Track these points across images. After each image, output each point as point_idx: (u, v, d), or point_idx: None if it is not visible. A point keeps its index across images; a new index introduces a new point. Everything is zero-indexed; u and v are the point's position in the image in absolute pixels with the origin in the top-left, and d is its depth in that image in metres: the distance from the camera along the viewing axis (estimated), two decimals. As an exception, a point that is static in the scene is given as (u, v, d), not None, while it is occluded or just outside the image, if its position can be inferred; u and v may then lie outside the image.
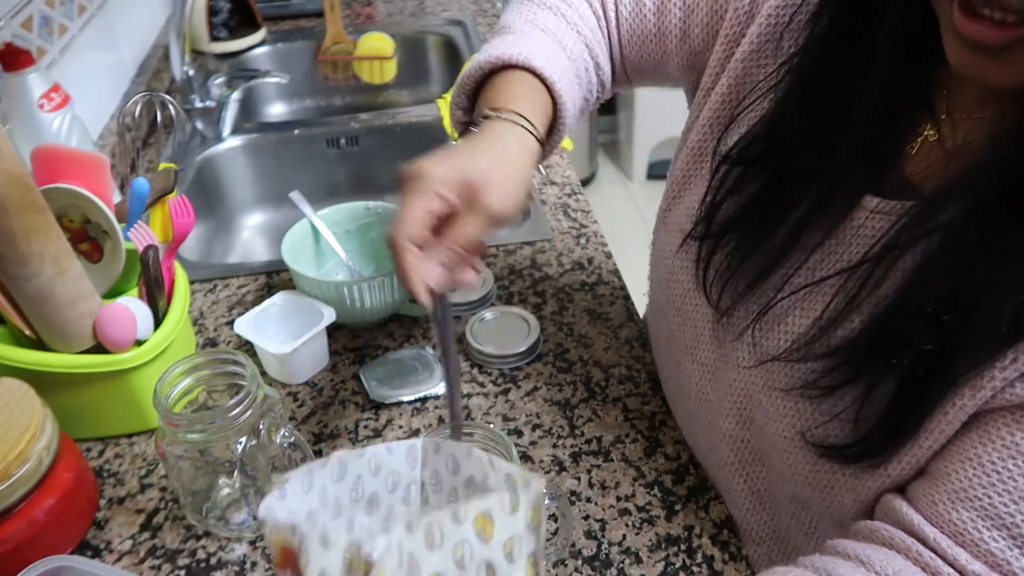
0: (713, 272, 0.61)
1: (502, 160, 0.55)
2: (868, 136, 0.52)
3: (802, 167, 0.55)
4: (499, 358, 0.83)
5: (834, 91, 0.53)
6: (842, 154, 0.52)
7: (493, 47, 0.64)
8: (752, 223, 0.58)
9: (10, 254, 0.65)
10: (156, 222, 0.80)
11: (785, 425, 0.57)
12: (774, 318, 0.58)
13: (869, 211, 0.52)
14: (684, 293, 0.67)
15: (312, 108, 1.67)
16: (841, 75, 0.52)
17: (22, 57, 0.92)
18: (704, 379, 0.66)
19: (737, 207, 0.59)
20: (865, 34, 0.51)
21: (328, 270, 0.97)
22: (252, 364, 0.65)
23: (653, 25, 0.68)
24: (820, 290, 0.54)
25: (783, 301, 0.57)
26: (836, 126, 0.52)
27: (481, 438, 0.59)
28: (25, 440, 0.62)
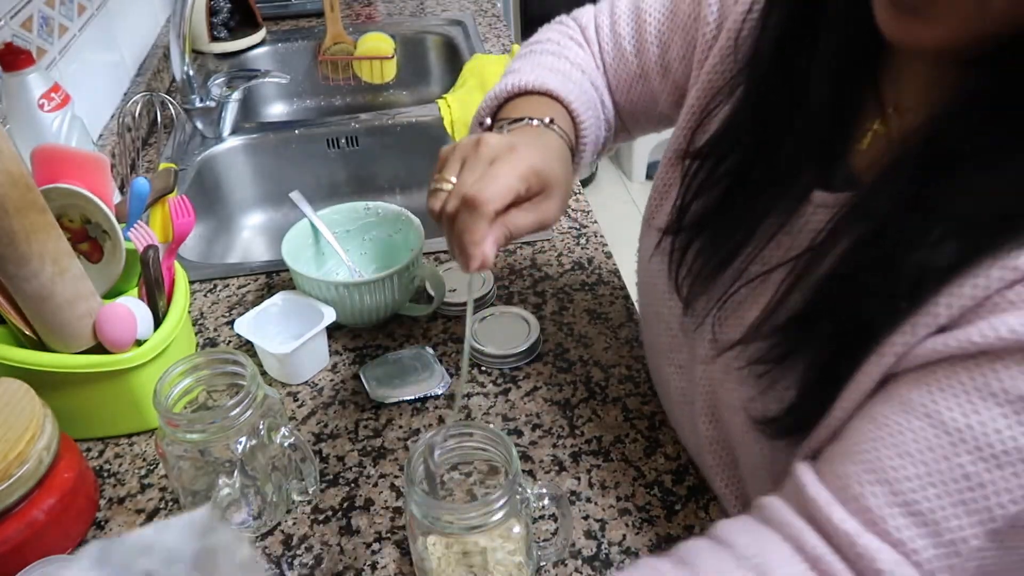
0: (684, 268, 0.62)
1: (565, 166, 0.58)
2: (816, 133, 0.53)
3: (759, 165, 0.56)
4: (499, 358, 0.83)
5: (784, 91, 0.54)
6: (793, 151, 0.54)
7: (505, 81, 0.67)
8: (716, 219, 0.60)
9: (10, 254, 0.65)
10: (156, 222, 0.80)
11: (743, 417, 0.58)
12: (731, 309, 0.59)
13: (815, 205, 0.53)
14: (660, 296, 0.68)
15: (312, 108, 1.67)
16: (789, 75, 0.54)
17: (22, 57, 0.92)
18: (683, 381, 0.68)
19: (706, 204, 0.60)
20: (810, 34, 0.52)
21: (328, 270, 0.97)
22: (252, 364, 0.65)
23: (636, 67, 0.71)
24: (771, 279, 0.55)
25: (739, 292, 0.58)
26: (787, 124, 0.54)
27: (481, 438, 0.59)
28: (25, 440, 0.62)
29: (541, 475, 0.72)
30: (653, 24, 0.69)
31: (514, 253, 1.00)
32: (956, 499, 0.42)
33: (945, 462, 0.42)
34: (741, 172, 0.58)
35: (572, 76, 0.69)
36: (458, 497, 0.68)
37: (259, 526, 0.68)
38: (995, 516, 0.41)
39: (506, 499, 0.55)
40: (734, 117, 0.59)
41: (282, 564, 0.66)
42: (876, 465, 0.44)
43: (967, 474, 0.41)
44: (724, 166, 0.59)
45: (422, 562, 0.61)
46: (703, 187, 0.61)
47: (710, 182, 0.60)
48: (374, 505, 0.70)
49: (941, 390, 0.43)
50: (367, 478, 0.73)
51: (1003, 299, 0.41)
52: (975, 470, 0.41)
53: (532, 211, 0.54)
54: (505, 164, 0.52)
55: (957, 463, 0.42)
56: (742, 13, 0.60)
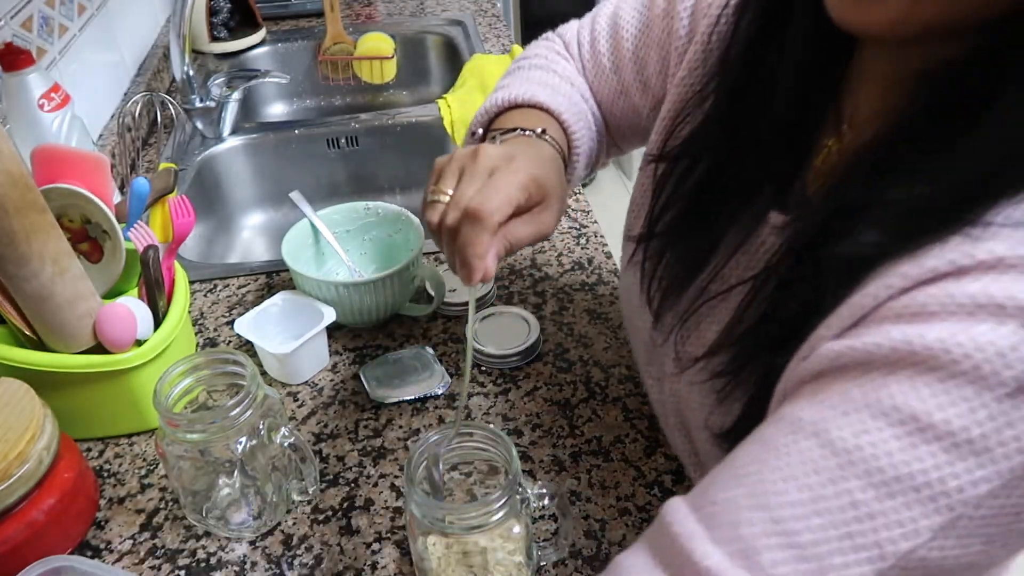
0: (655, 280, 0.62)
1: (560, 176, 0.58)
2: (774, 152, 0.53)
3: (722, 178, 0.56)
4: (499, 358, 0.83)
5: (749, 104, 0.54)
6: (754, 166, 0.54)
7: (495, 96, 0.67)
8: (683, 231, 0.59)
9: (10, 254, 0.65)
10: (156, 222, 0.80)
11: (708, 432, 0.58)
12: (693, 325, 0.59)
13: (771, 226, 0.53)
14: (635, 309, 0.68)
15: (312, 108, 1.67)
16: (754, 88, 0.53)
17: (22, 57, 0.92)
18: (657, 394, 0.68)
19: (674, 215, 0.60)
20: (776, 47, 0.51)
21: (328, 270, 0.97)
22: (252, 364, 0.65)
23: (616, 83, 0.71)
24: (730, 297, 0.55)
25: (700, 310, 0.58)
26: (751, 138, 0.54)
27: (481, 438, 0.59)
28: (25, 440, 0.62)
29: (541, 475, 0.72)
30: (629, 40, 0.69)
31: (514, 253, 1.00)
32: (842, 531, 0.37)
33: (832, 487, 0.37)
34: (706, 184, 0.58)
35: (561, 89, 0.69)
36: (458, 497, 0.68)
37: (259, 526, 0.68)
38: (885, 553, 0.36)
39: (506, 499, 0.55)
40: (701, 127, 0.58)
41: (282, 564, 0.66)
42: (758, 488, 0.39)
43: (855, 502, 0.37)
44: (693, 175, 0.58)
45: (422, 562, 0.61)
46: (672, 197, 0.60)
47: (679, 193, 0.60)
48: (374, 505, 0.70)
49: (832, 407, 0.39)
50: (367, 478, 0.73)
51: (889, 310, 0.39)
52: (864, 498, 0.37)
53: (531, 222, 0.54)
54: (506, 175, 0.52)
55: (845, 488, 0.37)
56: (710, 25, 0.59)
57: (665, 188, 0.61)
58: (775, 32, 0.52)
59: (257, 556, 0.67)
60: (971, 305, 0.36)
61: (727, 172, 0.56)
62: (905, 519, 0.36)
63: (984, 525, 0.36)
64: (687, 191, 0.59)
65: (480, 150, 0.54)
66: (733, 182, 0.55)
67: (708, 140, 0.57)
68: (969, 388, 0.36)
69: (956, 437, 0.36)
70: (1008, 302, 0.35)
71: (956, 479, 0.36)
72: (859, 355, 0.39)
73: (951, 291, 0.37)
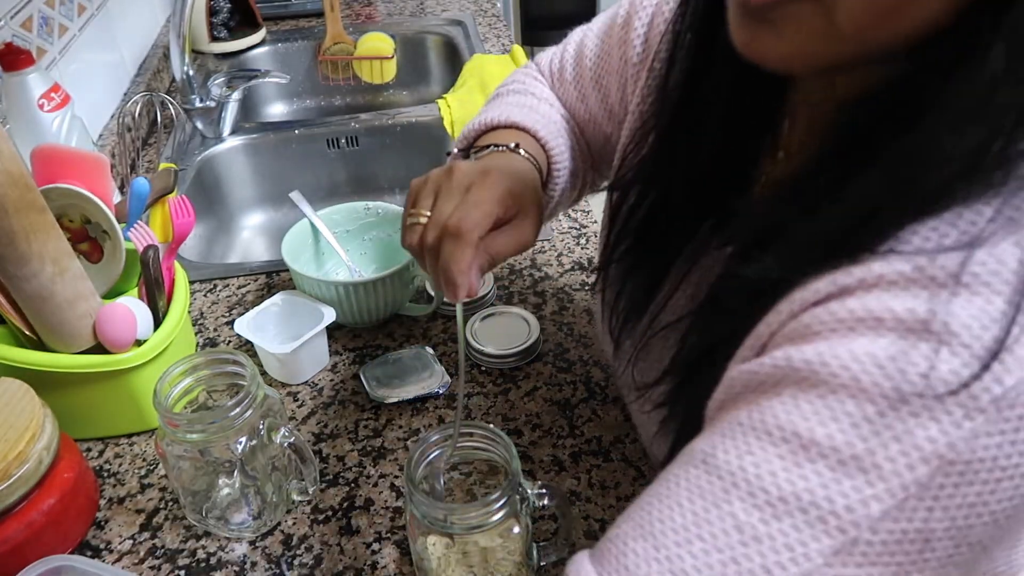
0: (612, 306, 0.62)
1: (535, 188, 0.58)
2: (713, 183, 0.53)
3: (666, 209, 0.56)
4: (499, 358, 0.83)
5: (685, 138, 0.54)
6: (693, 198, 0.54)
7: (472, 122, 0.67)
8: (636, 260, 0.60)
9: (10, 254, 0.65)
10: (156, 222, 0.80)
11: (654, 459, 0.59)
12: (647, 354, 0.60)
13: (714, 253, 0.53)
14: (600, 336, 0.69)
15: (312, 108, 1.67)
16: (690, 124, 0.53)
17: (22, 57, 0.92)
18: (636, 418, 0.69)
19: (629, 244, 0.60)
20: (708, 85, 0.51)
21: (328, 270, 0.97)
22: (252, 364, 0.65)
23: (583, 111, 0.71)
24: (677, 329, 0.54)
25: (653, 339, 0.58)
26: (689, 172, 0.54)
27: (481, 438, 0.59)
28: (25, 440, 0.62)
29: (541, 475, 0.72)
30: (591, 68, 0.69)
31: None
32: (727, 556, 0.35)
33: (715, 510, 0.36)
34: (653, 214, 0.58)
35: (539, 108, 0.69)
36: (458, 497, 0.68)
37: (259, 526, 0.68)
38: None
39: (506, 499, 0.55)
40: (647, 158, 0.58)
41: (282, 564, 0.66)
42: (644, 519, 0.39)
43: (739, 524, 0.35)
44: (643, 204, 0.59)
45: (422, 562, 0.61)
46: (626, 226, 0.61)
47: (632, 222, 0.60)
48: (374, 505, 0.70)
49: (722, 434, 0.38)
50: (367, 478, 0.73)
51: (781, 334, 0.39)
52: (748, 520, 0.35)
53: (510, 234, 0.54)
54: (481, 190, 0.52)
55: (729, 511, 0.36)
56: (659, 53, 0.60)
57: (619, 217, 0.61)
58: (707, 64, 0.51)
59: (257, 556, 0.67)
60: (851, 320, 0.36)
61: (672, 202, 0.56)
62: (793, 542, 0.34)
63: (888, 552, 0.34)
64: (638, 220, 0.59)
65: (454, 168, 0.54)
66: (678, 211, 0.55)
67: (653, 170, 0.57)
68: (850, 402, 0.34)
69: (841, 454, 0.34)
70: (886, 314, 0.35)
71: (844, 498, 0.34)
72: (747, 378, 0.39)
73: (833, 309, 0.37)
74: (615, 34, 0.66)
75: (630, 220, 0.60)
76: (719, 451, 0.38)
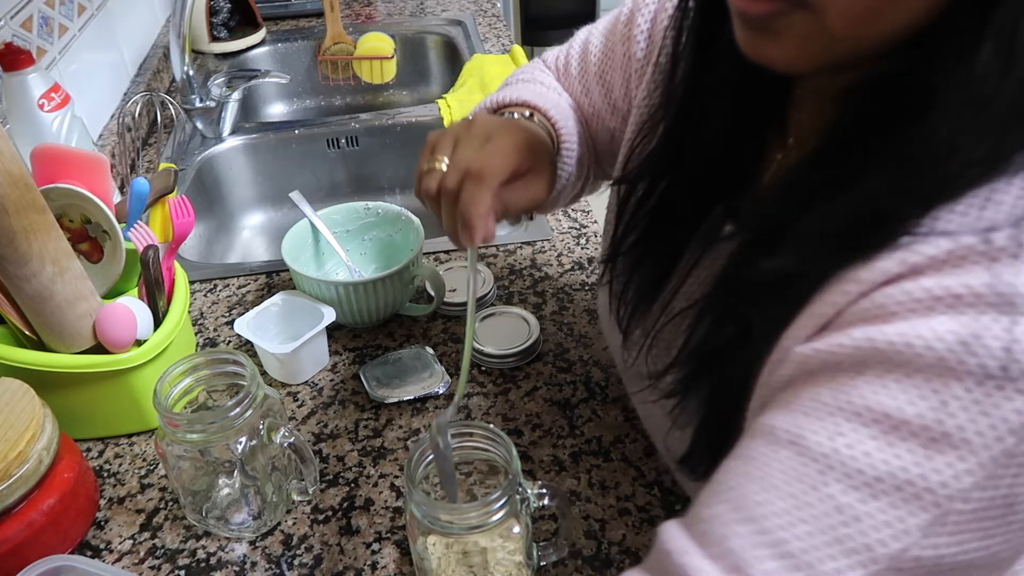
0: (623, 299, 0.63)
1: (549, 150, 0.60)
2: (723, 168, 0.53)
3: (677, 197, 0.57)
4: (499, 358, 0.83)
5: (695, 126, 0.54)
6: (704, 185, 0.54)
7: (485, 100, 0.69)
8: (645, 251, 0.60)
9: (10, 254, 0.65)
10: (156, 222, 0.80)
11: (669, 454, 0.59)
12: (658, 344, 0.60)
13: (725, 238, 0.53)
14: (607, 329, 0.69)
15: (312, 108, 1.67)
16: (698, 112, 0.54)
17: (22, 57, 0.92)
18: (643, 411, 0.68)
19: (639, 233, 0.61)
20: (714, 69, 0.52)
21: (328, 270, 0.97)
22: (252, 364, 0.65)
23: (588, 106, 0.72)
24: (691, 314, 0.55)
25: (665, 328, 0.58)
26: (699, 159, 0.54)
27: (481, 438, 0.59)
28: (25, 440, 0.62)
29: (541, 475, 0.72)
30: (595, 65, 0.70)
31: (514, 253, 1.00)
32: (830, 537, 0.36)
33: (814, 493, 0.37)
34: (663, 205, 0.58)
35: (548, 95, 0.70)
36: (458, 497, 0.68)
37: (259, 526, 0.68)
38: (876, 556, 0.36)
39: (506, 499, 0.55)
40: (655, 149, 0.59)
41: (282, 564, 0.66)
42: (741, 503, 0.39)
43: (839, 506, 0.37)
44: (652, 195, 0.59)
45: (422, 562, 0.61)
46: (633, 218, 0.61)
47: (640, 214, 0.61)
48: (374, 505, 0.70)
49: (805, 413, 0.39)
50: (367, 478, 0.73)
51: (851, 314, 0.39)
52: (847, 501, 0.36)
53: (525, 188, 0.55)
54: (503, 138, 0.53)
55: (827, 493, 0.37)
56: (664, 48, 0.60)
57: (627, 209, 0.62)
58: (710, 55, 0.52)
59: (257, 556, 0.67)
60: (928, 299, 0.36)
61: (681, 191, 0.57)
62: (892, 519, 0.36)
63: (976, 519, 0.36)
64: (647, 212, 0.60)
65: (475, 119, 0.56)
66: (688, 201, 0.56)
67: (662, 162, 0.58)
68: (937, 381, 0.35)
69: (932, 432, 0.35)
70: (964, 291, 0.36)
71: (938, 474, 0.35)
72: (825, 357, 0.39)
73: (907, 288, 0.37)
74: (619, 31, 0.67)
75: (638, 212, 0.60)
76: (807, 433, 0.38)
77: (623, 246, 0.62)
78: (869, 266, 0.39)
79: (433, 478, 0.65)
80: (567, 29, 0.77)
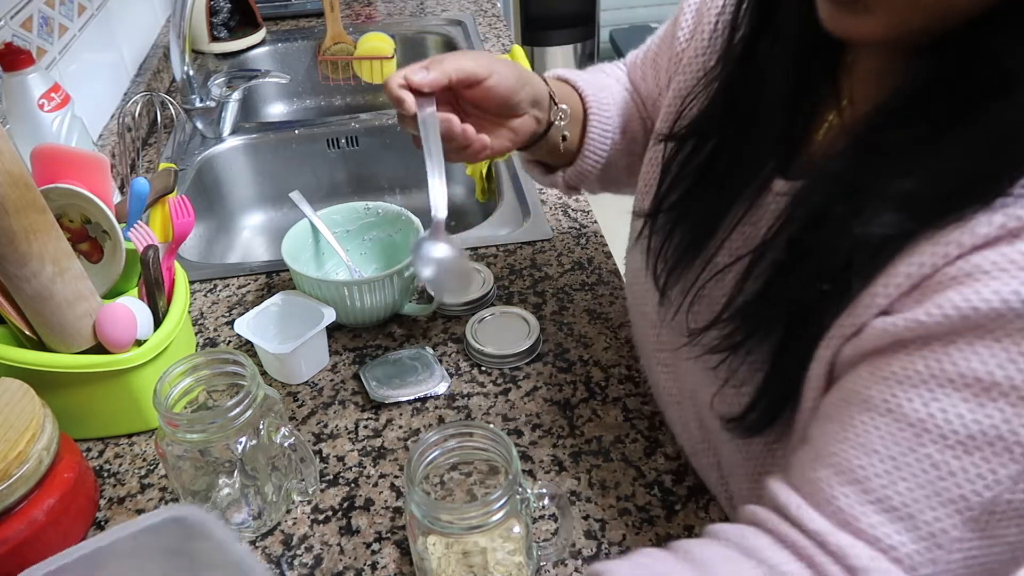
0: (661, 256, 0.64)
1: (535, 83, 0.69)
2: (777, 124, 0.55)
3: (726, 153, 0.59)
4: (499, 358, 0.83)
5: (750, 83, 0.57)
6: (756, 141, 0.56)
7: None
8: (689, 206, 0.62)
9: (10, 254, 0.65)
10: (156, 222, 0.80)
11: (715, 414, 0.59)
12: (701, 299, 0.60)
13: (775, 193, 0.55)
14: (641, 291, 0.69)
15: (312, 108, 1.67)
16: (755, 68, 0.57)
17: (22, 57, 0.92)
18: (670, 381, 0.68)
19: (681, 191, 0.63)
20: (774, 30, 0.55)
21: (328, 270, 0.97)
22: (252, 364, 0.65)
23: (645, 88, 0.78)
24: (735, 269, 0.56)
25: (708, 283, 0.59)
26: (752, 115, 0.56)
27: (481, 438, 0.59)
28: (25, 440, 0.62)
29: (541, 475, 0.72)
30: (652, 52, 0.78)
31: (514, 253, 1.00)
32: (929, 491, 0.41)
33: (912, 454, 0.42)
34: (711, 160, 0.60)
35: (596, 78, 0.77)
36: (458, 497, 0.68)
37: (259, 526, 0.68)
38: (971, 504, 0.40)
39: (506, 499, 0.55)
40: (707, 108, 0.61)
41: (282, 564, 0.66)
42: (844, 467, 0.44)
43: (935, 463, 0.41)
44: (700, 152, 0.61)
45: (422, 562, 0.61)
46: (680, 173, 0.63)
47: (686, 169, 0.62)
48: (374, 505, 0.70)
49: (899, 382, 0.43)
50: (367, 478, 0.73)
51: (944, 276, 0.41)
52: (943, 458, 0.41)
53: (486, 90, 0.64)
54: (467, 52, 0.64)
55: (924, 454, 0.41)
56: (716, 13, 0.64)
57: (673, 167, 0.63)
58: (771, 17, 0.55)
59: (257, 556, 0.67)
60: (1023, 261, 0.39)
61: (732, 147, 0.58)
62: (984, 471, 0.40)
63: None
64: (693, 167, 0.62)
65: None
66: (738, 156, 0.58)
67: (714, 119, 0.60)
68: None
69: (1021, 391, 0.39)
70: None
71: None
72: (916, 327, 0.42)
73: (1004, 251, 0.40)
74: (667, 31, 0.74)
75: (684, 168, 0.62)
76: (903, 401, 0.42)
77: (666, 202, 0.64)
78: (966, 228, 0.41)
79: (433, 478, 0.65)
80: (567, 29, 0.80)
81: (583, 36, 3.07)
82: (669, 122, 0.66)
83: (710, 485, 0.68)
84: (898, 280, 0.43)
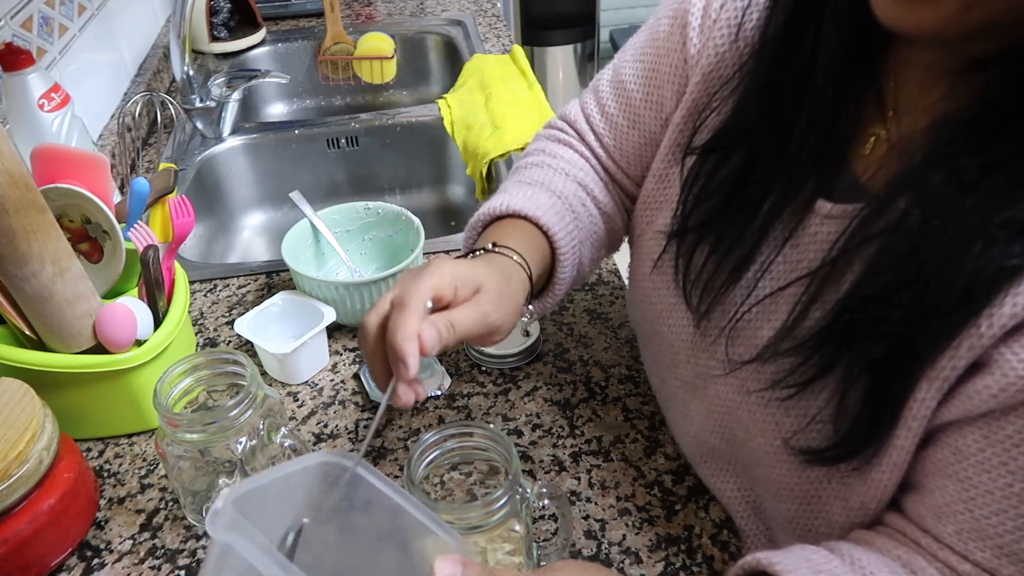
0: (692, 276, 0.61)
1: (505, 280, 0.58)
2: (818, 133, 0.52)
3: (761, 166, 0.55)
4: (499, 358, 0.83)
5: (788, 86, 0.53)
6: (795, 152, 0.53)
7: (480, 210, 0.68)
8: (721, 224, 0.58)
9: (10, 254, 0.65)
10: (156, 222, 0.80)
11: (765, 439, 0.58)
12: (742, 328, 0.58)
13: (822, 216, 0.52)
14: (660, 312, 0.67)
15: (312, 108, 1.67)
16: (794, 70, 0.52)
17: (22, 57, 0.92)
18: (687, 395, 0.67)
19: (711, 207, 0.59)
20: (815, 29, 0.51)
21: (328, 270, 0.97)
22: (252, 364, 0.65)
23: (637, 137, 0.69)
24: (782, 298, 0.54)
25: (751, 311, 0.57)
26: (790, 122, 0.53)
27: (481, 438, 0.59)
28: (25, 440, 0.62)
29: (541, 475, 0.72)
30: (637, 91, 0.68)
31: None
32: None
33: None
34: (743, 175, 0.56)
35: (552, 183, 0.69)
36: (458, 497, 0.68)
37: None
38: None
39: (506, 499, 0.55)
40: (734, 116, 0.57)
41: (282, 564, 0.66)
42: (974, 525, 0.46)
43: None
44: (727, 166, 0.57)
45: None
46: (706, 187, 0.59)
47: (714, 183, 0.58)
48: (374, 505, 0.70)
49: (1016, 445, 0.44)
50: (367, 478, 0.73)
51: None
52: None
53: (471, 307, 0.54)
54: (425, 272, 0.53)
55: None
56: (740, 9, 0.58)
57: (696, 182, 0.59)
58: (810, 17, 0.51)
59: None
60: None
61: (765, 162, 0.55)
62: None
63: None
64: (721, 183, 0.58)
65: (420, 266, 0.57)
66: (773, 172, 0.54)
67: (743, 129, 0.56)
68: None
69: None
70: None
71: None
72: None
73: None
74: (659, 46, 0.65)
75: (711, 182, 0.58)
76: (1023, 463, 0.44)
77: (691, 220, 0.60)
78: None
79: (433, 478, 0.65)
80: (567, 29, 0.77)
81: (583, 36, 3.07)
82: (688, 132, 0.62)
83: (715, 490, 0.67)
84: (1003, 321, 0.42)
